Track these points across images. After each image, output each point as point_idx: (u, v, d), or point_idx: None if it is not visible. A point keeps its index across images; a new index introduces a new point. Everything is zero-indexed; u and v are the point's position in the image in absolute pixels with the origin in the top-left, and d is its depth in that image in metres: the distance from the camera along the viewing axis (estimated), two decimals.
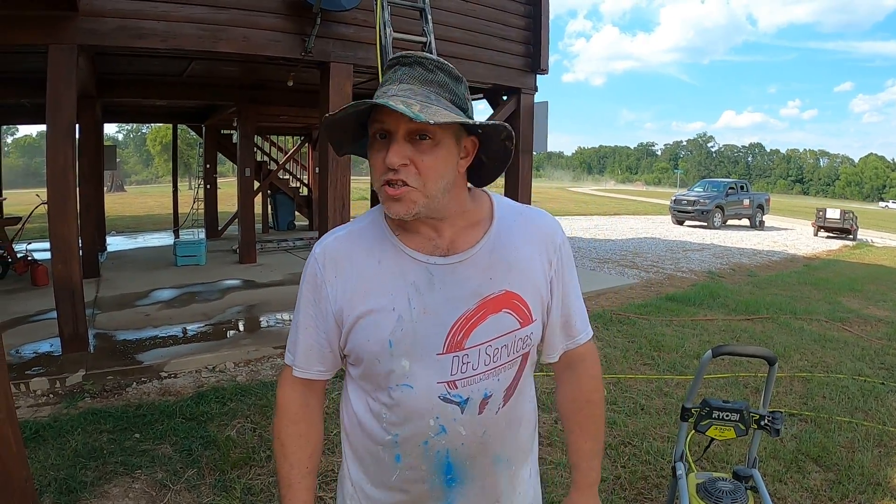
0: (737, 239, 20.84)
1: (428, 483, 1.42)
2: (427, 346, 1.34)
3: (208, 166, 15.42)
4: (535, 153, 9.79)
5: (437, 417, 1.36)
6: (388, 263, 1.38)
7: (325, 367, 1.49)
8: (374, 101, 1.22)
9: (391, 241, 1.39)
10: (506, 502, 1.51)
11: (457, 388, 1.36)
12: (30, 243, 11.70)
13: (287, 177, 18.43)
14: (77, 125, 6.33)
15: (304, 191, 18.37)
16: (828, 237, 22.92)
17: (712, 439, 2.86)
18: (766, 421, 2.76)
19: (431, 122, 1.18)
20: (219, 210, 15.85)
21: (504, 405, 1.42)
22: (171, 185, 17.40)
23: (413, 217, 1.31)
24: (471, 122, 1.29)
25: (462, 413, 1.37)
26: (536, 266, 1.44)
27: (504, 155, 1.42)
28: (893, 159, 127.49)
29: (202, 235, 13.27)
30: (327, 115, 1.29)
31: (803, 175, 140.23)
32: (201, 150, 16.65)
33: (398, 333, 1.34)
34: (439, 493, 1.43)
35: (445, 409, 1.36)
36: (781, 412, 2.76)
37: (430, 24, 6.71)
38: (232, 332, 7.14)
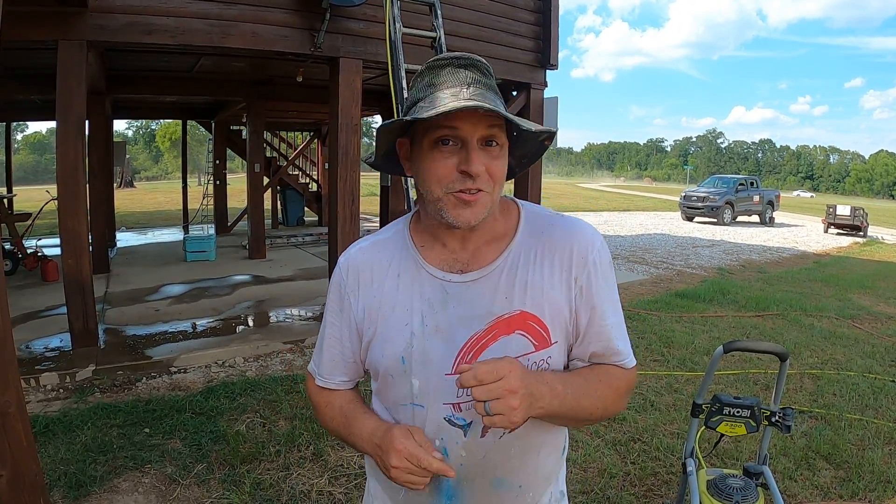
0: (747, 235, 20.77)
1: (430, 501, 1.39)
2: (436, 366, 1.31)
3: (218, 162, 15.43)
4: None
5: (442, 439, 1.33)
6: (406, 278, 1.36)
7: (347, 377, 1.48)
8: (476, 104, 1.16)
9: (412, 255, 1.37)
10: None
11: (461, 410, 1.32)
12: (40, 239, 11.77)
13: (296, 172, 18.43)
14: (87, 121, 6.35)
15: (314, 186, 18.37)
16: (838, 234, 22.81)
17: (722, 435, 2.86)
18: (777, 417, 2.75)
19: (533, 129, 1.21)
20: (228, 206, 15.87)
21: (511, 431, 1.33)
22: (181, 180, 17.42)
23: (476, 224, 1.27)
24: (542, 129, 1.27)
25: (465, 437, 1.32)
26: (558, 285, 1.34)
27: (538, 152, 1.42)
28: None
29: (212, 231, 13.29)
30: (390, 121, 1.25)
31: (813, 171, 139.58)
32: (211, 145, 16.67)
33: (410, 351, 1.32)
34: None
35: (450, 432, 1.33)
36: (792, 409, 2.75)
37: (440, 20, 6.69)
38: (241, 327, 7.16)
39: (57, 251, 6.93)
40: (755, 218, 27.15)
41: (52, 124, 6.77)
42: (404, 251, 1.38)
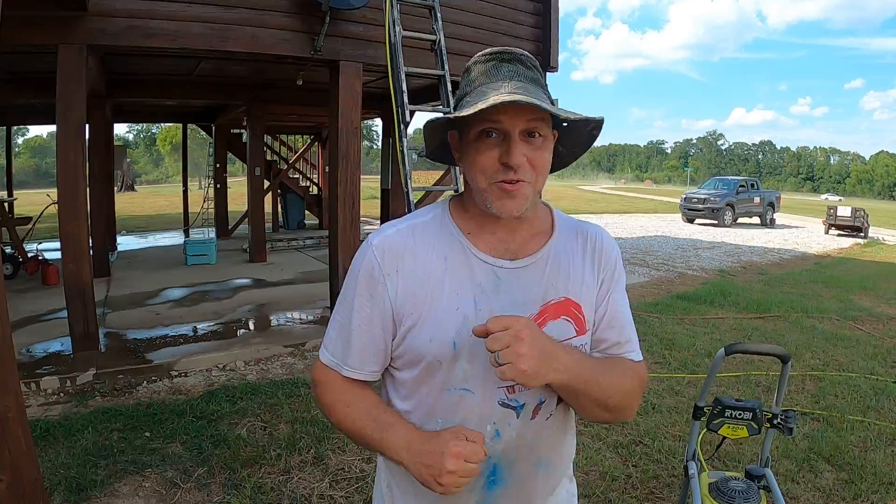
0: (747, 237, 20.76)
1: (470, 486, 1.33)
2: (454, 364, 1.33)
3: (218, 166, 15.44)
4: None
5: (494, 423, 1.34)
6: (454, 262, 1.35)
7: (378, 367, 1.43)
8: (516, 98, 1.18)
9: (459, 240, 1.37)
10: None
11: (515, 392, 1.34)
12: (40, 243, 11.75)
13: (297, 176, 18.42)
14: (87, 125, 6.34)
15: (315, 190, 18.36)
16: (839, 235, 22.80)
17: (724, 438, 2.85)
18: (779, 420, 2.74)
19: (572, 118, 1.26)
20: (229, 209, 15.88)
21: (556, 410, 1.41)
22: (182, 184, 17.43)
23: (520, 214, 1.30)
24: (586, 118, 1.30)
25: (517, 418, 1.35)
26: (590, 280, 1.43)
27: (589, 141, 1.45)
28: None
29: (212, 235, 13.32)
30: (436, 118, 1.31)
31: (814, 173, 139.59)
32: (211, 149, 16.68)
33: (463, 334, 1.30)
34: (479, 495, 1.39)
35: (503, 414, 1.34)
36: (795, 411, 2.75)
37: (440, 22, 6.69)
38: (242, 330, 7.15)
39: (57, 255, 6.92)
40: (756, 219, 27.15)
41: (53, 128, 6.77)
42: (449, 236, 1.38)
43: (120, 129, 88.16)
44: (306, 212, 18.09)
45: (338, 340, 1.42)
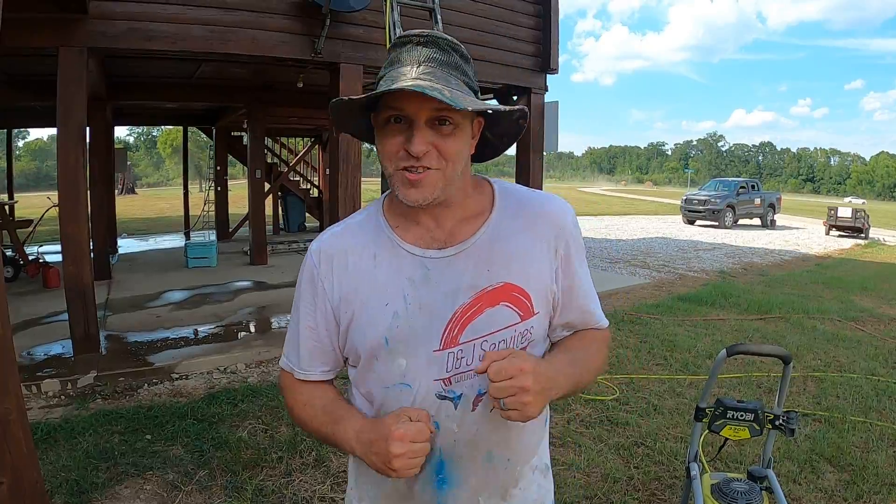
0: (748, 238, 20.75)
1: (419, 486, 1.37)
2: (423, 343, 1.31)
3: (219, 168, 15.45)
4: (545, 153, 9.77)
5: (433, 416, 1.31)
6: (383, 258, 1.35)
7: (328, 366, 1.44)
8: (405, 85, 1.16)
9: (388, 235, 1.36)
10: (502, 501, 1.44)
11: (451, 384, 1.32)
12: (41, 246, 11.76)
13: (297, 178, 18.45)
14: (88, 128, 6.35)
15: (315, 192, 18.37)
16: (839, 236, 22.79)
17: (726, 439, 2.84)
18: (780, 421, 2.74)
19: (470, 108, 1.17)
20: (230, 212, 15.90)
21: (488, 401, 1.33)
22: (182, 187, 17.44)
23: (429, 203, 1.27)
24: (503, 108, 1.28)
25: (455, 409, 1.32)
26: (540, 256, 1.38)
27: (516, 131, 1.41)
28: None
29: (213, 237, 13.29)
30: (338, 99, 1.26)
31: (814, 174, 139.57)
32: (212, 152, 16.69)
33: (394, 330, 1.31)
34: (431, 496, 1.38)
35: (440, 406, 1.32)
36: (796, 412, 2.74)
37: (440, 24, 6.71)
38: (243, 333, 7.15)
39: (58, 258, 6.93)
40: (756, 221, 27.12)
41: (53, 131, 6.78)
42: (378, 232, 1.37)
43: (120, 131, 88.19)
44: (307, 214, 18.12)
45: (290, 345, 1.45)
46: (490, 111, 1.30)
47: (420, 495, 1.38)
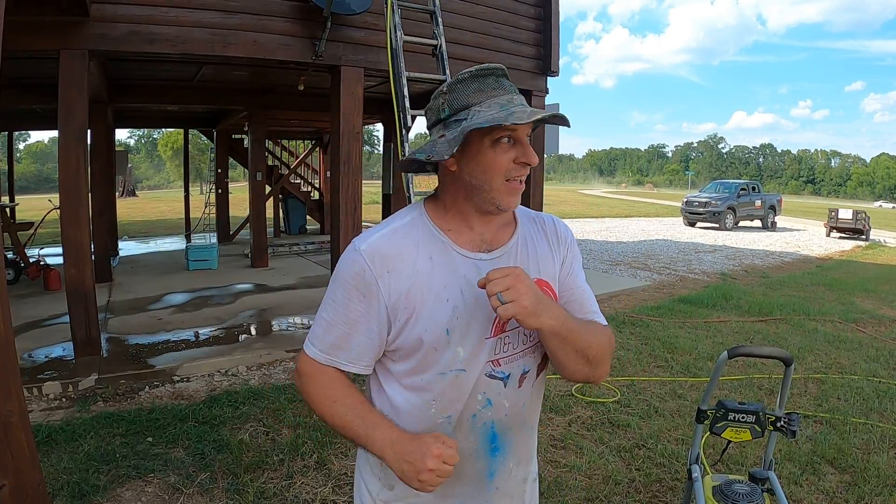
0: (749, 240, 20.76)
1: (474, 453, 1.55)
2: (477, 332, 1.49)
3: (220, 171, 15.44)
4: (546, 156, 9.77)
5: (484, 393, 1.52)
6: (439, 260, 1.49)
7: (372, 360, 1.55)
8: (544, 115, 1.38)
9: (441, 239, 1.52)
10: (526, 467, 1.70)
11: (500, 365, 1.52)
12: (42, 248, 11.77)
13: (298, 181, 18.45)
14: (89, 130, 6.35)
15: (316, 195, 18.38)
16: (840, 238, 22.80)
17: (728, 441, 2.85)
18: (782, 422, 2.74)
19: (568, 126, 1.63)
20: (230, 214, 15.88)
21: (537, 379, 1.62)
22: (183, 189, 17.43)
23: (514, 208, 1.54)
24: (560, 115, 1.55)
25: (505, 387, 1.54)
26: (553, 261, 1.63)
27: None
28: None
29: (214, 240, 13.28)
30: (479, 122, 1.40)
31: (815, 175, 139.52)
32: (212, 154, 16.68)
33: (454, 322, 1.46)
34: (483, 461, 1.57)
35: (490, 385, 1.52)
36: (798, 413, 2.74)
37: (441, 27, 6.71)
38: (244, 335, 7.15)
39: (59, 260, 6.93)
40: (757, 223, 27.14)
41: (55, 133, 6.79)
42: (430, 236, 1.52)
43: (121, 134, 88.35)
44: (308, 217, 18.13)
45: (326, 337, 1.53)
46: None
47: (475, 464, 1.57)
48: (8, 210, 10.40)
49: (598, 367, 1.55)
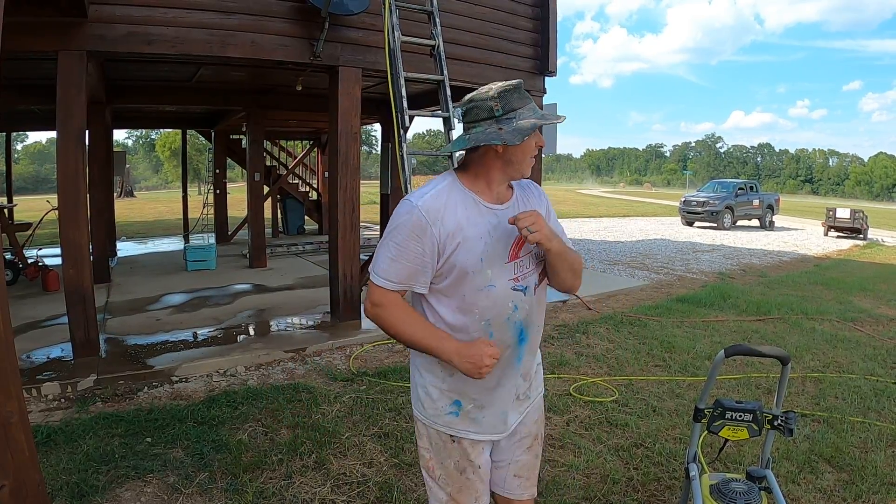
0: (747, 239, 20.77)
1: (510, 344, 2.21)
2: (499, 259, 2.15)
3: (218, 171, 15.44)
4: (544, 155, 9.78)
5: (513, 301, 2.17)
6: (472, 210, 2.13)
7: (427, 283, 2.14)
8: (563, 117, 2.48)
9: (472, 197, 2.15)
10: (536, 355, 2.43)
11: (520, 281, 2.19)
12: (41, 249, 11.77)
13: (297, 181, 18.45)
14: (87, 131, 6.35)
15: (314, 195, 18.38)
16: (838, 237, 22.82)
17: (727, 441, 2.86)
18: (779, 421, 2.75)
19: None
20: (229, 215, 15.88)
21: (540, 287, 2.28)
22: (181, 190, 17.42)
23: None
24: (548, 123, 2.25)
25: (524, 296, 2.20)
26: (540, 209, 2.29)
27: None
28: None
29: (212, 240, 13.28)
30: (549, 120, 2.23)
31: (813, 175, 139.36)
32: (211, 155, 16.69)
33: (486, 252, 2.11)
34: (514, 350, 2.23)
35: (516, 296, 2.18)
36: (795, 412, 2.75)
37: (439, 28, 6.72)
38: (243, 336, 7.15)
39: (58, 261, 6.94)
40: (755, 222, 27.16)
41: (53, 134, 6.79)
42: (463, 194, 2.14)
43: (119, 134, 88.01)
44: (306, 217, 18.11)
45: (392, 271, 2.11)
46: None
47: (510, 353, 2.22)
48: (6, 211, 10.37)
49: (578, 279, 2.30)
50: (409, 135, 6.25)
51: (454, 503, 2.33)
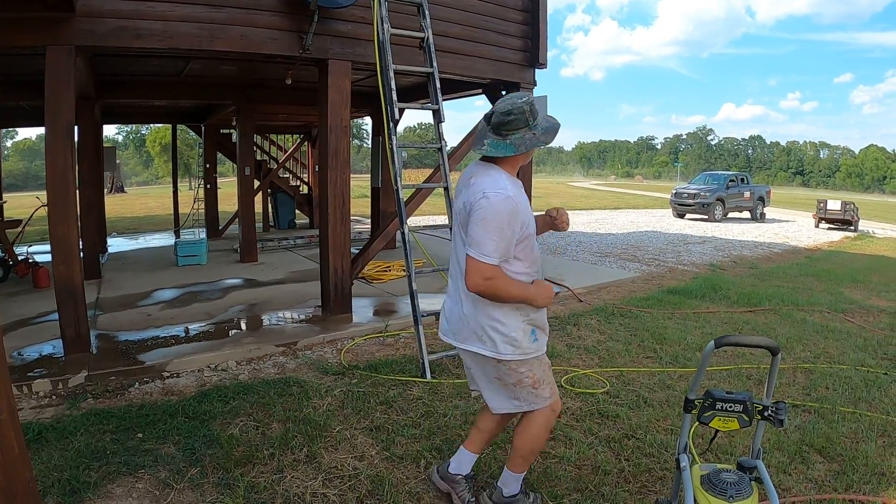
0: (738, 231, 20.83)
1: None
2: (535, 231, 3.13)
3: (208, 166, 15.40)
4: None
5: (540, 259, 3.21)
6: (523, 199, 3.03)
7: (511, 252, 3.01)
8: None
9: (519, 185, 3.04)
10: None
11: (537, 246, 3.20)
12: (31, 246, 11.71)
13: (287, 175, 18.42)
14: (76, 127, 6.32)
15: (305, 189, 18.35)
16: (829, 229, 22.92)
17: (717, 431, 2.86)
18: (769, 411, 2.76)
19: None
20: (219, 209, 15.84)
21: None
22: (172, 185, 17.36)
23: None
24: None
25: (540, 255, 3.19)
26: None
27: None
28: (894, 150, 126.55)
29: (203, 235, 13.25)
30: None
31: (804, 167, 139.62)
32: (201, 149, 16.62)
33: (533, 230, 3.09)
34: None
35: (540, 255, 3.22)
36: (785, 403, 2.76)
37: (428, 20, 6.71)
38: (234, 330, 7.14)
39: (48, 258, 6.90)
40: (746, 214, 27.26)
41: (42, 130, 6.75)
42: (519, 186, 3.04)
43: (109, 130, 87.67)
44: (297, 211, 18.09)
45: (498, 251, 2.90)
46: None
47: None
48: None
49: None
50: (400, 128, 6.24)
51: (552, 390, 3.28)
